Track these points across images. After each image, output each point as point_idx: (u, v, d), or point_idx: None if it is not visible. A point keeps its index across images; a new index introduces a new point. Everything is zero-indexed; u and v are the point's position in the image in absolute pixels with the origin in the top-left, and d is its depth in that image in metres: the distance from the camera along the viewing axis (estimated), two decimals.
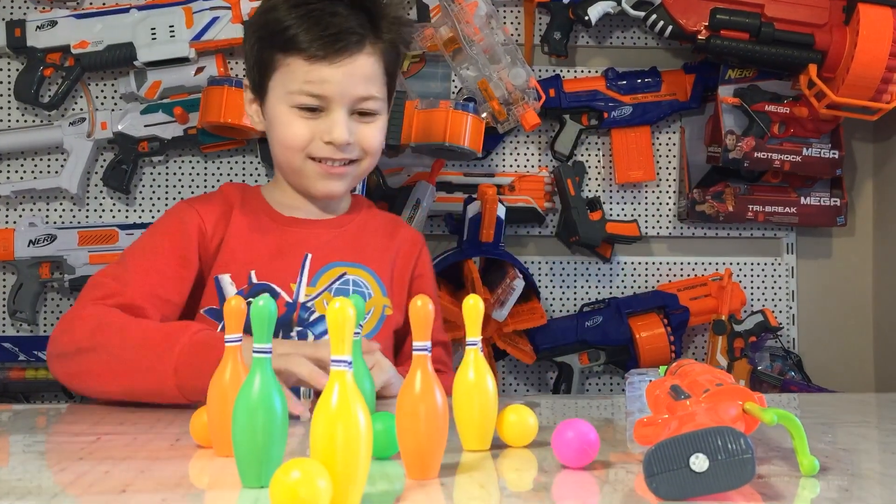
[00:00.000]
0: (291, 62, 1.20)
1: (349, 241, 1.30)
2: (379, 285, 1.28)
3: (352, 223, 1.33)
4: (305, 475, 0.54)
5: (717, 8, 1.72)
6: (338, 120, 1.20)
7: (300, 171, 1.24)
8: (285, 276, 1.23)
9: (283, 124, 1.22)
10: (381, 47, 1.23)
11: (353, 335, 0.60)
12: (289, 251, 1.25)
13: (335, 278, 1.25)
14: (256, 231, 1.26)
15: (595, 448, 0.67)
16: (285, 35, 1.19)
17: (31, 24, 1.75)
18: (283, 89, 1.21)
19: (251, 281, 1.22)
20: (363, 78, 1.21)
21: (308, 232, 1.28)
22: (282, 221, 1.29)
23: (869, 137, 1.98)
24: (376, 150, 1.26)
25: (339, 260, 1.27)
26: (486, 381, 0.76)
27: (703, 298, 1.86)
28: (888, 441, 0.86)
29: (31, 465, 0.75)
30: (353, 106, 1.21)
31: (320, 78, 1.18)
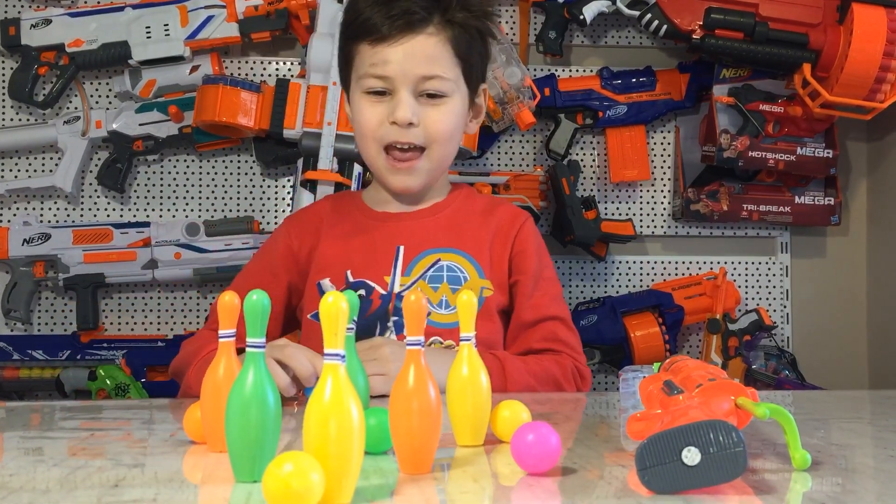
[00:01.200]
0: (360, 49, 1.22)
1: (444, 227, 1.30)
2: (476, 268, 1.27)
3: (447, 209, 1.32)
4: (298, 468, 0.54)
5: (711, 7, 1.72)
6: (401, 99, 1.20)
7: (375, 165, 1.26)
8: (379, 269, 1.25)
9: (357, 112, 1.25)
10: (451, 30, 1.22)
11: (346, 329, 0.60)
12: (382, 245, 1.27)
13: (429, 265, 1.26)
14: (350, 232, 1.30)
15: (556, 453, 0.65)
16: (357, 22, 1.22)
17: (26, 22, 1.76)
18: (356, 76, 1.24)
19: (348, 280, 1.25)
20: (425, 57, 1.20)
21: (401, 224, 1.29)
22: (374, 217, 1.31)
23: (863, 137, 1.99)
24: (445, 135, 1.24)
25: (434, 247, 1.27)
26: (480, 377, 0.75)
27: (698, 297, 1.86)
28: (881, 437, 0.86)
29: (24, 460, 0.74)
30: (417, 86, 1.21)
31: (382, 59, 1.20)
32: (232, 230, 1.79)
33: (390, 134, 1.22)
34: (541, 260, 1.32)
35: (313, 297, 1.28)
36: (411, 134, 1.21)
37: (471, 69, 1.26)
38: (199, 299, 1.87)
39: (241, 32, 1.77)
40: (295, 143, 1.75)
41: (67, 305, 1.82)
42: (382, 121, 1.22)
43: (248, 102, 1.71)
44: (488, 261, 1.28)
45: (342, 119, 1.66)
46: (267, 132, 1.74)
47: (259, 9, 1.77)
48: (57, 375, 1.75)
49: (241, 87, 1.70)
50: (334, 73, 1.67)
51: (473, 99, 1.29)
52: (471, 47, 1.25)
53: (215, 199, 1.86)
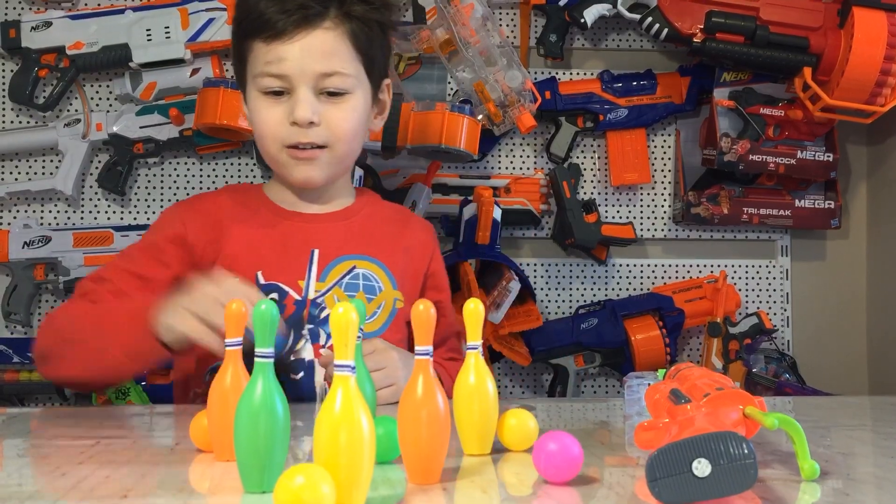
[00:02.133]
0: (254, 47, 1.17)
1: (357, 233, 1.26)
2: (389, 278, 1.25)
3: (358, 215, 1.29)
4: (309, 480, 0.54)
5: (712, 11, 1.72)
6: (300, 98, 1.15)
7: (277, 161, 1.21)
8: (293, 273, 1.20)
9: (254, 113, 1.20)
10: (349, 24, 1.17)
11: (356, 340, 0.60)
12: (294, 247, 1.22)
13: (345, 272, 1.22)
14: (259, 229, 1.23)
15: (579, 462, 0.66)
16: (250, 19, 1.17)
17: (26, 24, 1.75)
18: (251, 76, 1.19)
19: (259, 282, 1.19)
20: (322, 53, 1.15)
21: (313, 226, 1.25)
22: (284, 216, 1.25)
23: (863, 140, 1.99)
24: (349, 134, 1.20)
25: (348, 253, 1.24)
26: (487, 385, 0.75)
27: (698, 300, 1.86)
28: (885, 445, 0.87)
29: (31, 469, 0.74)
30: (317, 84, 1.16)
31: (277, 56, 1.15)
32: None
33: (292, 135, 1.17)
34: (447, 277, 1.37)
35: None
36: (313, 133, 1.17)
37: (372, 64, 1.21)
38: None
39: None
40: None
41: None
42: (282, 121, 1.17)
43: None
44: (401, 272, 1.27)
45: None
46: None
47: None
48: None
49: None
50: None
51: (377, 95, 1.25)
52: (371, 41, 1.20)
53: None
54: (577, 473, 0.65)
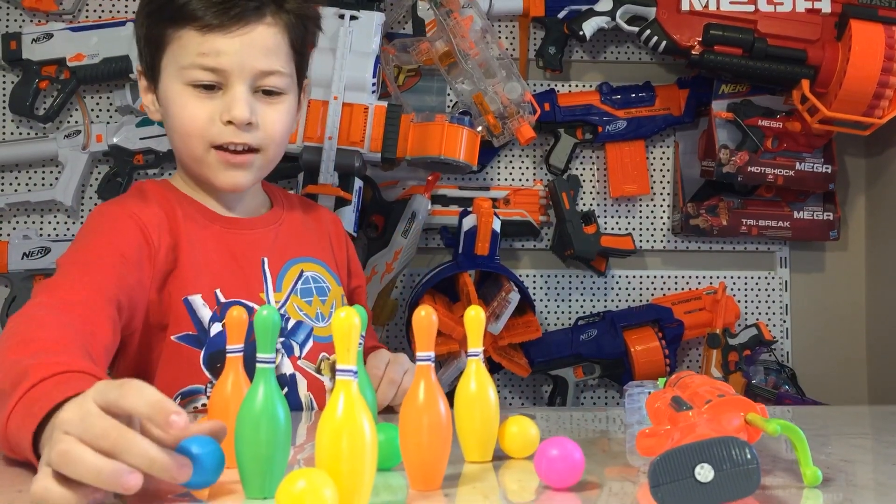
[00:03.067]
0: (183, 34, 1.07)
1: (292, 235, 1.21)
2: (332, 276, 1.23)
3: (285, 215, 1.23)
4: (311, 485, 0.54)
5: (710, 24, 1.73)
6: (237, 96, 1.07)
7: (202, 161, 1.11)
8: (251, 287, 1.13)
9: (177, 106, 1.09)
10: (285, 19, 1.11)
11: (358, 345, 0.60)
12: (244, 258, 1.15)
13: (296, 278, 1.18)
14: (206, 240, 1.14)
15: (580, 468, 0.66)
16: (175, 4, 1.07)
17: (27, 36, 1.76)
18: (176, 66, 1.08)
19: (219, 301, 1.10)
20: (264, 49, 1.09)
21: (253, 233, 1.18)
22: (225, 224, 1.16)
23: (861, 152, 2.00)
24: (281, 136, 1.13)
25: (292, 257, 1.19)
26: (488, 393, 0.75)
27: (698, 312, 1.86)
28: (886, 452, 0.86)
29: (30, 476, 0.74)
30: (254, 82, 1.09)
31: (215, 49, 1.06)
32: None
33: (223, 134, 1.08)
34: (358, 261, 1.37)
35: (179, 314, 1.08)
36: (248, 135, 1.09)
37: (303, 63, 1.17)
38: None
39: None
40: (295, 158, 1.74)
41: None
42: (213, 118, 1.08)
43: None
44: (335, 267, 1.25)
45: (342, 133, 1.66)
46: None
47: None
48: None
49: None
50: (335, 88, 1.67)
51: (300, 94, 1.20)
52: (304, 38, 1.15)
53: None
54: (578, 479, 0.65)
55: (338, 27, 1.68)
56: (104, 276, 1.01)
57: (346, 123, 1.66)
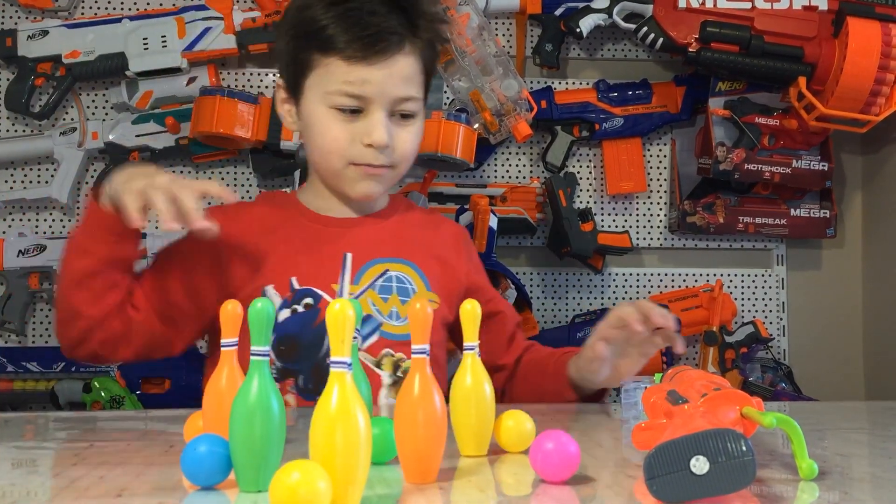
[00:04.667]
0: (330, 62, 1.17)
1: (389, 236, 1.27)
2: (423, 280, 1.26)
3: (391, 219, 1.30)
4: (305, 476, 0.53)
5: (707, 21, 1.73)
6: (377, 121, 1.17)
7: (339, 175, 1.22)
8: (326, 277, 1.20)
9: (322, 126, 1.20)
10: (420, 46, 1.20)
11: (352, 338, 0.60)
12: (328, 251, 1.21)
13: (378, 275, 1.23)
14: (294, 236, 1.24)
15: (576, 461, 0.65)
16: (322, 35, 1.17)
17: (23, 33, 1.75)
18: (321, 90, 1.19)
19: (293, 287, 1.19)
20: (403, 78, 1.18)
21: (346, 230, 1.26)
22: (318, 221, 1.26)
23: (858, 149, 2.00)
24: (412, 154, 1.24)
25: (381, 256, 1.24)
26: (484, 387, 0.75)
27: (694, 310, 1.86)
28: (883, 447, 0.86)
29: (24, 470, 0.74)
30: (392, 107, 1.19)
31: (360, 79, 1.16)
32: None
33: (364, 156, 1.19)
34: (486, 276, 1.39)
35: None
36: (384, 156, 1.19)
37: (430, 81, 1.26)
38: None
39: (239, 44, 1.77)
40: (292, 155, 1.75)
41: None
42: (353, 140, 1.18)
43: (246, 114, 1.71)
44: (436, 274, 1.27)
45: None
46: (264, 144, 1.74)
47: (256, 21, 1.77)
48: (51, 388, 1.73)
49: (238, 98, 1.70)
50: None
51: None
52: (433, 62, 1.25)
53: None
54: (574, 472, 0.65)
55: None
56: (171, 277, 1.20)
57: None
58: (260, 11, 1.78)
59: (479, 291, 1.32)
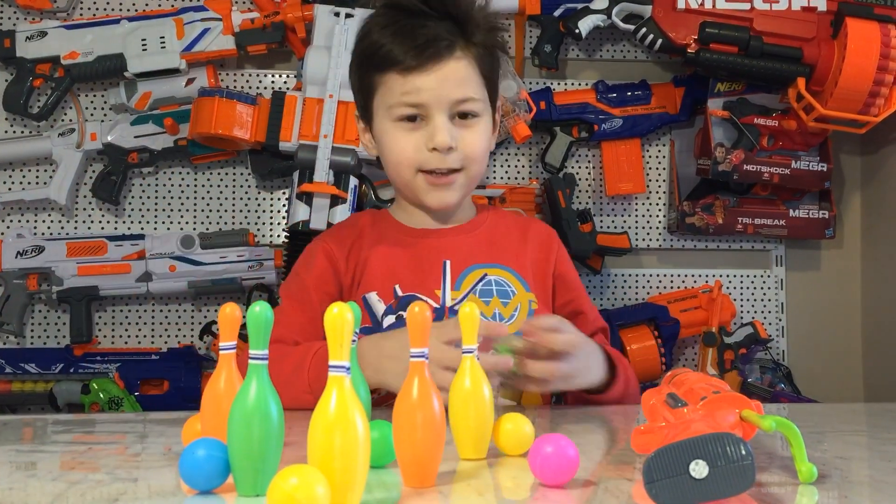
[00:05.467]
0: (388, 79, 1.21)
1: (483, 243, 1.30)
2: (521, 282, 1.28)
3: (482, 226, 1.33)
4: (303, 481, 0.53)
5: (706, 22, 1.73)
6: (438, 125, 1.19)
7: (411, 185, 1.24)
8: (429, 284, 1.24)
9: (389, 140, 1.23)
10: (474, 51, 1.22)
11: (351, 341, 0.59)
12: (427, 260, 1.26)
13: (477, 280, 1.26)
14: (393, 248, 1.28)
15: (575, 465, 0.65)
16: (380, 54, 1.21)
17: (21, 34, 1.75)
18: (385, 106, 1.23)
19: (397, 294, 1.23)
20: (457, 81, 1.20)
21: (442, 240, 1.29)
22: (414, 234, 1.30)
23: (857, 150, 2.00)
24: (481, 154, 1.25)
25: (478, 262, 1.27)
26: (482, 389, 0.75)
27: (694, 310, 1.86)
28: (882, 449, 0.86)
29: (22, 474, 0.74)
30: (451, 110, 1.21)
31: (415, 87, 1.19)
32: (227, 243, 1.78)
33: (430, 161, 1.21)
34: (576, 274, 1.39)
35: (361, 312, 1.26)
36: (450, 159, 1.21)
37: (493, 86, 1.27)
38: (193, 312, 1.86)
39: (238, 45, 1.77)
40: (291, 156, 1.74)
41: (61, 318, 1.81)
42: (419, 147, 1.21)
43: (244, 115, 1.71)
44: (531, 275, 1.30)
45: (338, 131, 1.66)
46: (263, 145, 1.74)
47: (255, 21, 1.77)
48: (50, 389, 1.73)
49: (237, 99, 1.70)
50: (330, 86, 1.67)
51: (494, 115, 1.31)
52: (492, 66, 1.26)
53: (210, 211, 1.86)
54: (573, 476, 0.65)
55: (333, 25, 1.68)
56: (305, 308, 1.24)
57: (342, 121, 1.66)
58: (258, 12, 1.78)
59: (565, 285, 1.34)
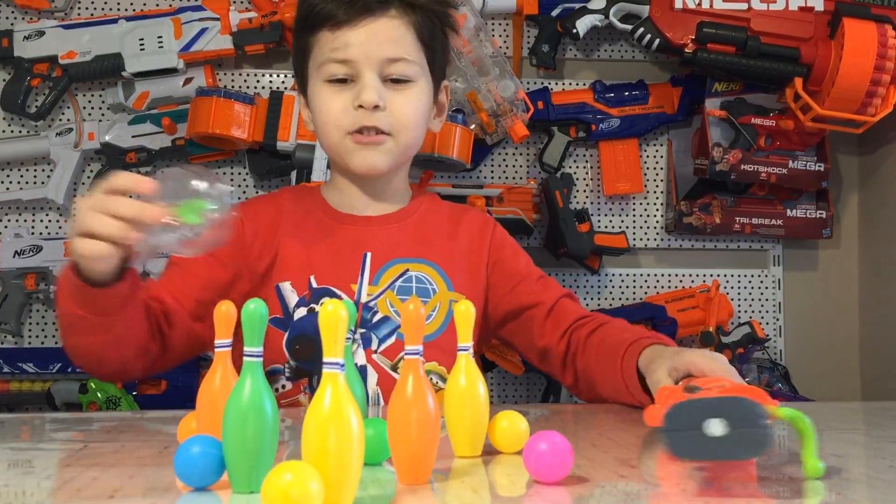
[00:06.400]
0: (320, 37, 1.17)
1: (410, 235, 1.25)
2: (444, 279, 1.23)
3: (412, 216, 1.27)
4: (297, 477, 0.53)
5: (703, 22, 1.73)
6: (366, 82, 1.14)
7: (338, 149, 1.18)
8: (345, 276, 1.19)
9: (319, 102, 1.18)
10: (413, 15, 1.17)
11: (345, 338, 0.59)
12: (348, 250, 1.21)
13: (397, 275, 1.21)
14: (313, 232, 1.23)
15: (569, 462, 0.65)
16: (313, 13, 1.17)
17: (19, 34, 1.75)
18: (315, 66, 1.18)
19: (311, 286, 1.19)
20: (389, 39, 1.16)
21: (366, 229, 1.24)
22: (339, 219, 1.24)
23: (854, 150, 2.00)
24: (412, 121, 1.19)
25: (401, 256, 1.22)
26: (478, 387, 0.75)
27: (691, 310, 1.86)
28: (879, 447, 0.86)
29: (17, 471, 0.74)
30: (382, 70, 1.16)
31: (344, 42, 1.15)
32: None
33: (357, 120, 1.15)
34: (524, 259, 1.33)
35: (272, 301, 1.18)
36: (377, 118, 1.15)
37: (434, 58, 1.21)
38: None
39: (235, 45, 1.77)
40: (288, 156, 1.74)
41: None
42: (347, 108, 1.15)
43: (242, 115, 1.71)
44: (461, 270, 1.25)
45: None
46: (260, 144, 1.74)
47: (253, 21, 1.77)
48: (47, 388, 1.73)
49: (234, 99, 1.70)
50: None
51: (436, 94, 1.25)
52: (434, 35, 1.21)
53: None
54: (567, 473, 0.65)
55: None
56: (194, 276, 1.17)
57: None
58: (256, 12, 1.78)
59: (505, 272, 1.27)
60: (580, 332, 1.22)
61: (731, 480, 0.64)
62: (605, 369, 1.13)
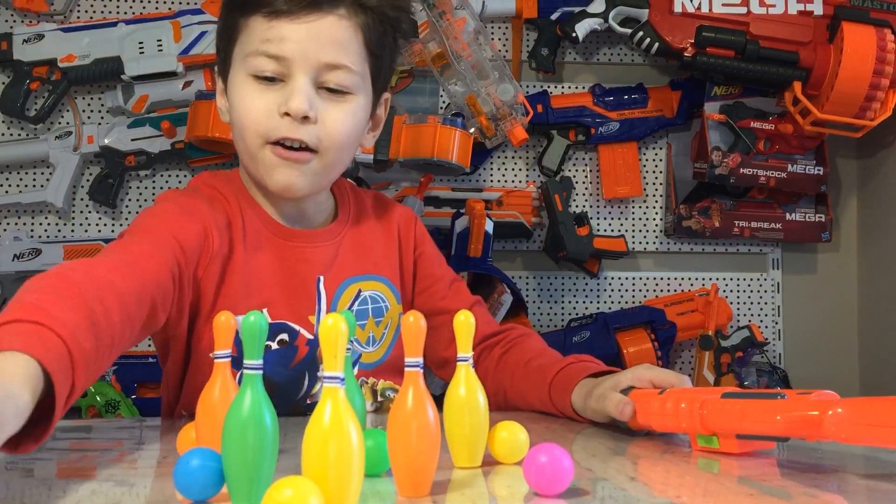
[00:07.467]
0: (251, 21, 1.01)
1: (353, 248, 1.14)
2: (393, 292, 1.16)
3: (348, 228, 1.15)
4: (298, 493, 0.53)
5: (702, 26, 1.73)
6: (297, 87, 0.99)
7: (256, 159, 1.03)
8: (301, 308, 1.08)
9: (239, 97, 1.03)
10: (363, 18, 1.03)
11: (345, 351, 0.59)
12: (298, 275, 1.09)
13: (353, 299, 1.12)
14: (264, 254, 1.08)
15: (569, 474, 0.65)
16: None
17: (18, 37, 1.75)
18: (242, 55, 1.02)
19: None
20: (331, 41, 1.00)
21: (313, 249, 1.11)
22: (284, 236, 1.10)
23: (853, 154, 2.00)
24: (343, 138, 1.04)
25: (350, 275, 1.12)
26: (478, 398, 0.75)
27: (690, 314, 1.86)
28: (874, 456, 0.86)
29: (16, 482, 0.74)
30: (318, 76, 1.01)
31: (279, 35, 0.99)
32: None
33: (280, 128, 1.00)
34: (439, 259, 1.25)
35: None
36: (304, 130, 1.00)
37: (379, 68, 1.08)
38: None
39: None
40: None
41: None
42: (271, 111, 1.00)
43: None
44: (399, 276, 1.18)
45: None
46: None
47: None
48: None
49: None
50: None
51: (375, 107, 1.11)
52: (383, 42, 1.07)
53: None
54: (567, 486, 0.65)
55: None
56: (165, 242, 0.96)
57: None
58: None
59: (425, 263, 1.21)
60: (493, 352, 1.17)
61: (732, 495, 0.64)
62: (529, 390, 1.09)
